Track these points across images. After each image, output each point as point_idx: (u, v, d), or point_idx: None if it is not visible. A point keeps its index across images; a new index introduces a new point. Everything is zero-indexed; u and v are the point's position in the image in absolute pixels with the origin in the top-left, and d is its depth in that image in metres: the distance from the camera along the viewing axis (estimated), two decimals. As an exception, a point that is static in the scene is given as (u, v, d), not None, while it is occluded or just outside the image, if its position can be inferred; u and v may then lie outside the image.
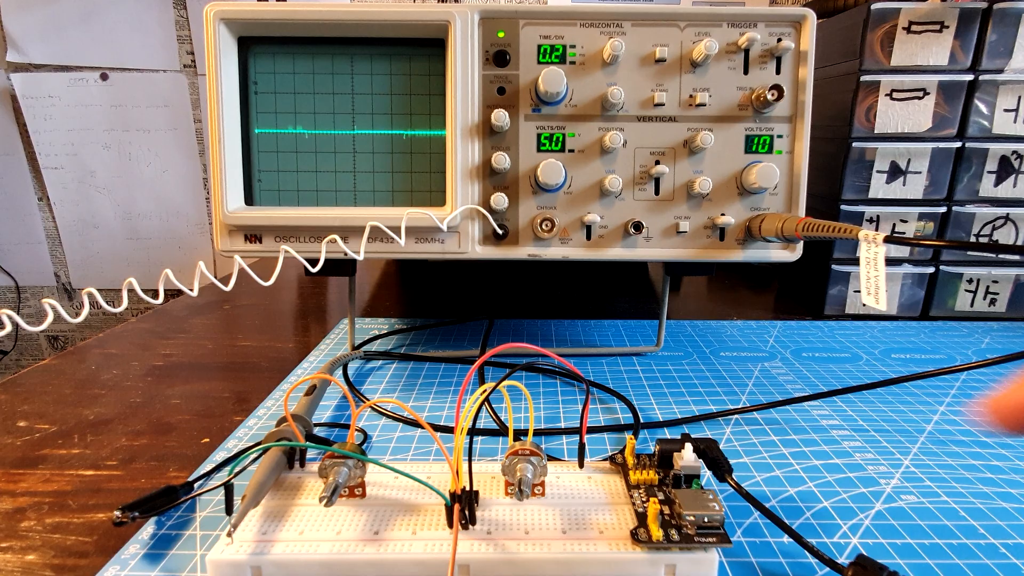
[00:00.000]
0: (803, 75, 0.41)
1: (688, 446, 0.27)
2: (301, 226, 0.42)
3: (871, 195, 0.56)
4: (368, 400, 0.41)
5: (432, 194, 0.43)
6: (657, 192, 0.42)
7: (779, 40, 0.41)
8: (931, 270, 0.57)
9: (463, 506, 0.24)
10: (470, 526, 0.25)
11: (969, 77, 0.52)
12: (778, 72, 0.41)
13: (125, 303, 0.28)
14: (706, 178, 0.41)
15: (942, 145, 0.54)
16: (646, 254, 0.43)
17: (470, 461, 0.25)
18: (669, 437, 0.35)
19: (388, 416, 0.39)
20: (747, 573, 0.25)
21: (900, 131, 0.54)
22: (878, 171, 0.55)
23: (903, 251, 0.58)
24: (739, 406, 0.40)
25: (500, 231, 0.42)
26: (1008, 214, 0.55)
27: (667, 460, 0.28)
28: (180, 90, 1.43)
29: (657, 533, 0.23)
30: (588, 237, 0.43)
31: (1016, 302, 0.58)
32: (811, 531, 0.28)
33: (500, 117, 0.40)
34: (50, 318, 0.25)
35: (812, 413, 0.40)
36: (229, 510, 0.26)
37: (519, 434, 0.35)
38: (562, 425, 0.38)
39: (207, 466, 0.34)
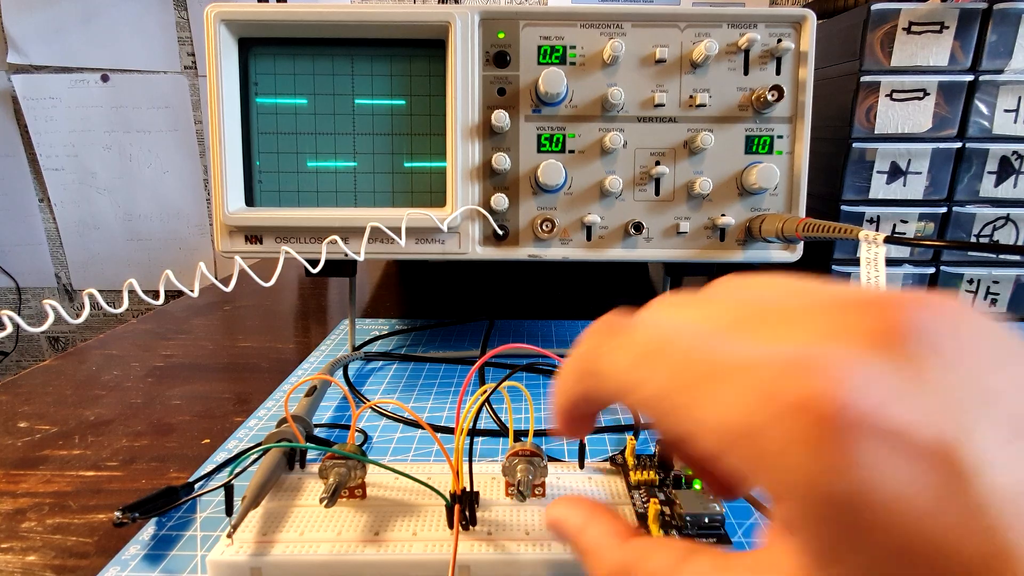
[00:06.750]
0: (803, 75, 0.41)
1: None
2: (301, 227, 0.42)
3: (871, 195, 0.56)
4: (368, 401, 0.41)
5: (432, 195, 0.43)
6: (657, 193, 0.42)
7: (779, 41, 0.41)
8: (931, 270, 0.57)
9: (464, 507, 0.24)
10: (471, 527, 0.25)
11: (969, 77, 0.52)
12: (778, 73, 0.41)
13: (126, 304, 0.28)
14: (706, 179, 0.41)
15: (942, 145, 0.54)
16: (646, 255, 0.43)
17: (471, 462, 0.25)
18: (669, 438, 0.35)
19: (388, 417, 0.39)
20: (748, 574, 0.25)
21: (900, 131, 0.54)
22: (878, 171, 0.55)
23: (903, 251, 0.58)
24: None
25: (500, 232, 0.42)
26: (1008, 214, 0.55)
27: (667, 461, 0.28)
28: (181, 91, 1.44)
29: (657, 534, 0.23)
30: (588, 238, 0.43)
31: (1017, 302, 0.58)
32: (812, 532, 0.28)
33: (500, 118, 0.40)
34: (51, 319, 0.25)
35: (813, 414, 0.39)
36: (229, 511, 0.26)
37: (519, 435, 0.35)
38: (562, 426, 0.38)
39: (207, 467, 0.34)
